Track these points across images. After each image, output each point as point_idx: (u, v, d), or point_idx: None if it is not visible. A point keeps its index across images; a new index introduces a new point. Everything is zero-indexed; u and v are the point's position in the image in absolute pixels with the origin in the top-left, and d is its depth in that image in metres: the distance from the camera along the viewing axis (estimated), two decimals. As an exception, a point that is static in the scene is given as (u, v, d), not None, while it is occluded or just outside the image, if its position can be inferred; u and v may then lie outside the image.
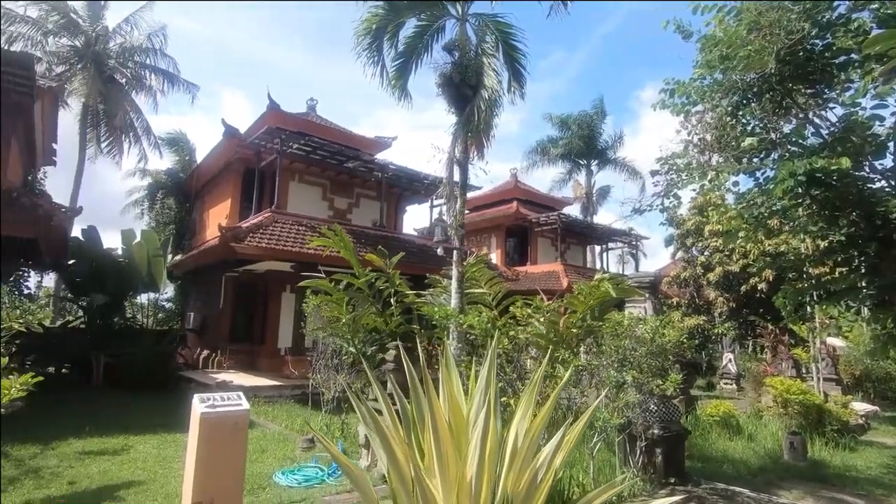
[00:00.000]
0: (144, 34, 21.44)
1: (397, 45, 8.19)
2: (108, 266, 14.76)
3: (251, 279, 15.74)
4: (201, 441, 4.35)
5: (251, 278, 15.71)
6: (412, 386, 2.33)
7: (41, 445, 7.18)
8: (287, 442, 7.82)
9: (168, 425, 8.62)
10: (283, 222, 13.06)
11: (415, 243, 16.32)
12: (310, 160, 15.45)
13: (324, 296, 7.86)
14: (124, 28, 21.39)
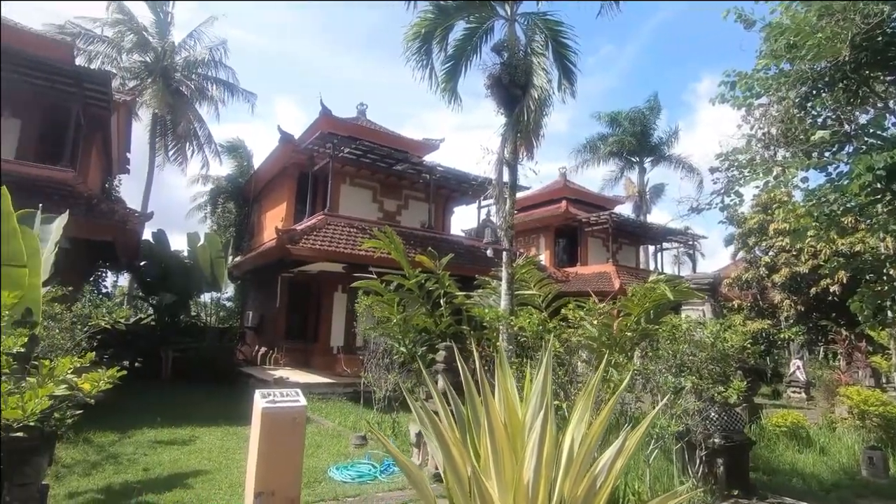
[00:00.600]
0: (206, 48, 22.71)
1: (446, 48, 8.25)
2: (175, 267, 15.72)
3: (305, 279, 16.31)
4: (263, 435, 4.57)
5: (305, 279, 16.27)
6: (467, 387, 2.35)
7: (119, 433, 7.75)
8: (340, 438, 8.05)
9: (230, 418, 9.07)
10: (336, 224, 13.45)
11: (463, 244, 16.37)
12: (360, 163, 15.83)
13: (375, 296, 8.04)
14: (188, 42, 22.73)
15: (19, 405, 2.00)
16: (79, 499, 5.10)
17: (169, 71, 21.50)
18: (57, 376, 2.24)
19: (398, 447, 7.28)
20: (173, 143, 22.54)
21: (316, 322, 15.88)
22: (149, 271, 16.22)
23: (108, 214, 10.03)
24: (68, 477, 5.72)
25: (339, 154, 14.49)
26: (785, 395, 15.53)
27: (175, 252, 16.69)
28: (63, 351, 6.34)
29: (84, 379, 2.35)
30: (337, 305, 15.39)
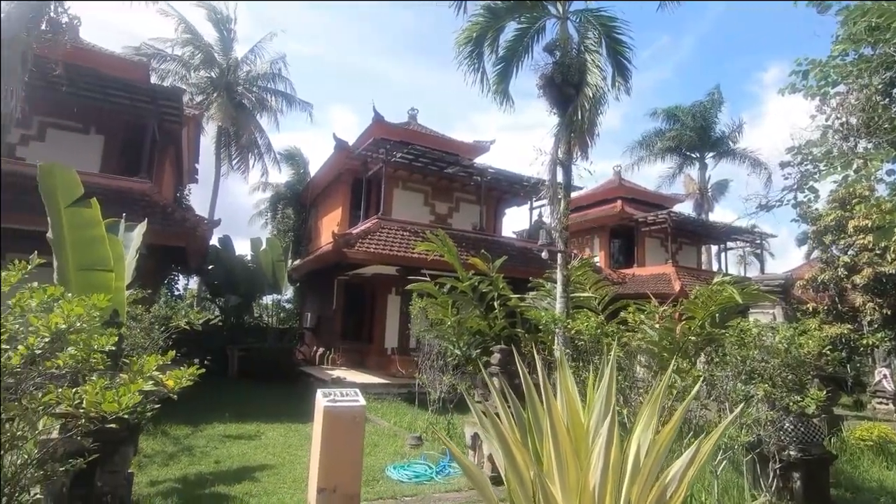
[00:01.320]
0: (267, 62, 23.83)
1: (497, 49, 8.24)
2: (240, 270, 16.58)
3: (360, 282, 16.73)
4: (324, 432, 4.73)
5: (360, 281, 16.69)
6: (527, 390, 2.34)
7: (192, 427, 8.25)
8: (396, 438, 8.19)
9: (292, 415, 9.44)
10: (389, 228, 13.72)
11: (514, 246, 16.25)
12: (412, 167, 16.07)
13: (429, 298, 8.14)
14: (249, 57, 23.94)
15: (115, 399, 2.18)
16: (159, 487, 5.48)
17: (232, 85, 22.73)
18: (145, 373, 2.43)
19: (453, 449, 7.33)
20: (236, 152, 23.78)
21: (370, 323, 16.23)
22: (216, 275, 17.20)
23: (180, 222, 10.72)
24: (149, 466, 6.16)
25: (391, 159, 14.78)
26: (869, 407, 14.32)
27: (239, 256, 17.60)
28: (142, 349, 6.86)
29: (168, 376, 2.54)
30: (391, 307, 15.67)
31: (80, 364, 2.69)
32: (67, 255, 4.93)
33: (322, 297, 18.77)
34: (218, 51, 22.98)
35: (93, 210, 4.95)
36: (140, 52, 20.46)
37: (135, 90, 11.84)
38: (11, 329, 2.47)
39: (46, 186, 4.72)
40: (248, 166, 23.98)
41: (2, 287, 2.67)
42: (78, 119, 12.27)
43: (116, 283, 5.21)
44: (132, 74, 13.73)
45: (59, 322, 2.43)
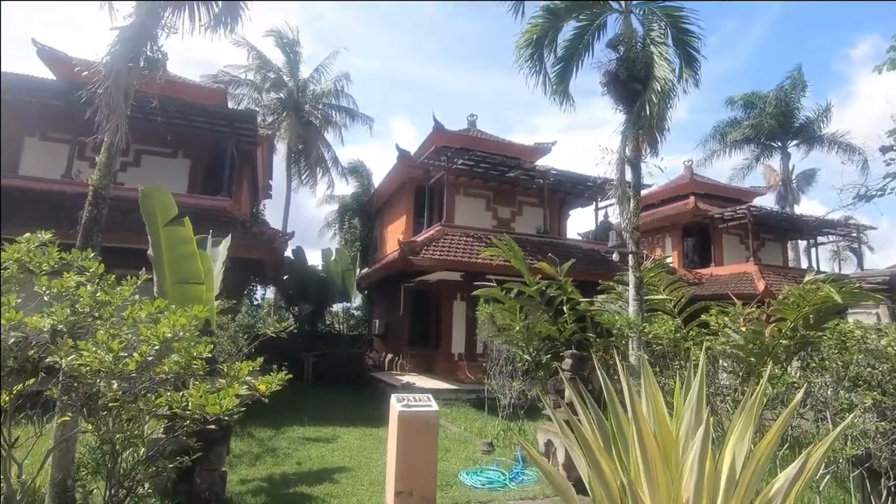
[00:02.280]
0: (331, 80, 24.93)
1: (556, 50, 8.13)
2: (312, 280, 17.36)
3: (425, 288, 16.98)
4: (400, 437, 4.85)
5: (425, 288, 16.94)
6: (608, 396, 2.28)
7: (274, 430, 8.71)
8: (467, 444, 8.20)
9: (365, 419, 9.73)
10: (453, 234, 13.84)
11: (581, 248, 15.85)
12: (473, 173, 16.14)
13: (496, 304, 8.12)
14: (315, 77, 25.15)
15: (217, 402, 2.37)
16: (249, 485, 5.83)
17: (300, 105, 23.96)
18: (240, 378, 2.61)
19: (526, 456, 7.23)
20: (305, 168, 24.99)
21: (437, 329, 16.41)
22: (290, 284, 18.11)
23: (258, 236, 11.42)
24: (238, 466, 6.57)
25: (452, 166, 14.93)
26: None
27: (312, 266, 18.43)
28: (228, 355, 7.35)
29: (260, 381, 2.71)
30: (456, 313, 15.77)
31: (182, 370, 2.94)
32: (165, 269, 5.40)
33: (389, 304, 19.23)
34: (286, 73, 24.32)
35: (185, 228, 5.40)
36: (217, 79, 22.07)
37: (215, 115, 12.78)
38: (127, 338, 2.74)
39: (147, 208, 5.21)
40: (316, 180, 25.13)
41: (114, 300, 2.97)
42: (167, 145, 13.40)
43: (207, 294, 5.63)
44: (212, 100, 14.85)
45: (167, 332, 2.67)
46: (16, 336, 2.40)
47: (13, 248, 2.99)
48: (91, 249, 3.57)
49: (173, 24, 4.82)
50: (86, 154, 13.38)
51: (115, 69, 4.25)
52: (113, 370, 2.45)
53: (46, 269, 3.21)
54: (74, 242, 4.21)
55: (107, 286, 2.91)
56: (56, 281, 2.89)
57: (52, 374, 2.92)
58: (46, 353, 2.73)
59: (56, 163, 12.99)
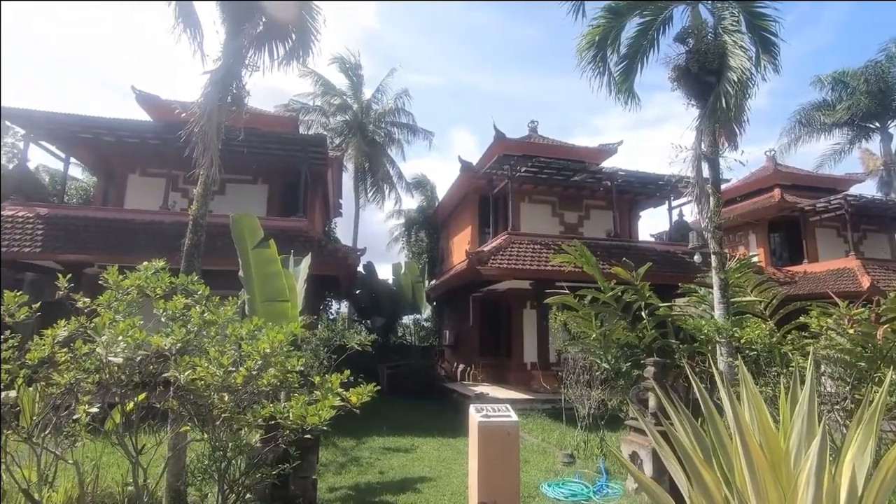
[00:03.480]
0: (392, 98, 25.77)
1: (619, 49, 7.92)
2: (383, 293, 17.88)
3: (494, 298, 16.95)
4: (481, 447, 4.86)
5: (494, 297, 16.92)
6: (705, 406, 2.18)
7: (355, 440, 9.01)
8: (546, 455, 8.06)
9: (442, 430, 9.83)
10: (520, 242, 13.75)
11: (655, 250, 15.19)
12: (537, 180, 16.00)
13: (569, 311, 7.96)
14: (376, 97, 26.09)
15: (317, 413, 2.52)
16: (337, 493, 6.08)
17: (364, 125, 24.93)
18: (333, 390, 2.77)
19: (609, 468, 7.00)
20: (372, 185, 25.89)
21: (508, 338, 16.31)
22: (362, 298, 18.76)
23: (333, 253, 11.97)
24: (325, 474, 6.86)
25: (515, 174, 14.88)
26: None
27: (382, 280, 19.00)
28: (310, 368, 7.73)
29: (351, 392, 2.85)
30: (527, 321, 15.61)
31: (280, 383, 3.15)
32: (255, 289, 5.81)
33: (458, 314, 19.37)
34: (350, 96, 25.43)
35: (271, 249, 5.79)
36: (288, 108, 23.48)
37: (289, 142, 13.61)
38: (231, 354, 2.99)
39: (237, 232, 5.65)
40: (383, 196, 25.94)
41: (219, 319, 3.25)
42: (248, 172, 14.42)
43: (292, 311, 5.98)
44: (285, 128, 15.82)
45: (266, 347, 2.88)
46: (142, 354, 2.70)
47: (134, 275, 3.37)
48: (194, 273, 3.92)
49: (255, 62, 5.24)
50: (178, 186, 14.70)
51: (208, 109, 4.68)
52: (223, 384, 2.68)
53: (160, 293, 3.57)
54: (172, 266, 4.66)
55: (212, 307, 3.19)
56: (170, 303, 3.21)
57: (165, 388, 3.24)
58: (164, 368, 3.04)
59: (154, 195, 14.37)
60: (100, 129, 12.76)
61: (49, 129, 12.78)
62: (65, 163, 14.17)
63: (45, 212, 11.97)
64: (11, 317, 3.10)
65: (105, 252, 11.23)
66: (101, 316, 3.25)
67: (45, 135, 13.08)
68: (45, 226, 11.49)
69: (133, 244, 11.49)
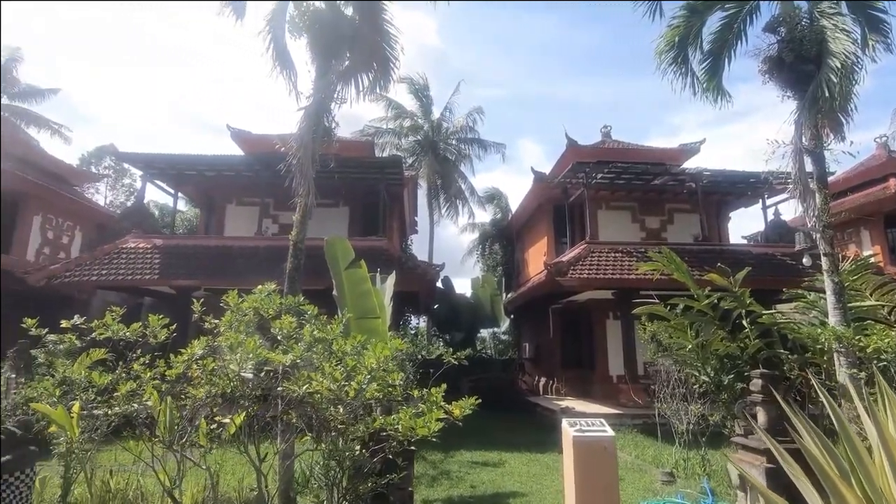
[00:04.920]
0: (461, 116, 26.25)
1: (701, 46, 7.58)
2: (462, 307, 18.06)
3: (574, 309, 16.54)
4: (577, 463, 4.77)
5: (574, 308, 16.51)
6: (838, 422, 2.04)
7: (443, 454, 9.12)
8: (642, 472, 7.70)
9: (528, 444, 9.70)
10: (599, 251, 13.37)
11: (751, 253, 14.12)
12: (614, 186, 15.53)
13: (659, 322, 7.60)
14: (445, 115, 26.68)
15: (426, 424, 2.64)
16: (431, 506, 6.20)
17: (436, 143, 25.56)
18: (437, 403, 2.88)
19: (716, 489, 6.55)
20: (445, 201, 26.37)
21: (591, 351, 15.82)
22: (440, 313, 19.04)
23: (413, 270, 12.32)
24: (418, 487, 7.01)
25: (591, 182, 14.54)
26: None
27: (460, 294, 19.21)
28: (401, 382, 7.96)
29: (454, 406, 2.95)
30: (610, 333, 15.07)
31: (382, 396, 3.32)
32: (348, 306, 6.13)
33: (537, 326, 19.08)
34: (420, 116, 26.21)
35: (362, 269, 6.11)
36: (363, 133, 24.63)
37: (367, 165, 14.29)
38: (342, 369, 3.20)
39: (331, 254, 6.02)
40: (456, 212, 26.33)
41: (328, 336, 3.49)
42: (330, 196, 15.26)
43: (382, 327, 6.25)
44: (362, 153, 16.62)
45: (373, 363, 3.06)
46: (266, 370, 2.97)
47: (251, 298, 3.71)
48: (299, 294, 4.24)
49: (343, 95, 5.63)
50: (269, 213, 15.88)
51: (304, 142, 5.09)
52: (336, 397, 2.88)
53: (272, 314, 3.90)
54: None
55: (321, 325, 3.44)
56: (283, 322, 3.50)
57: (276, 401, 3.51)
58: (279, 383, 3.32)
59: (249, 222, 15.63)
60: (202, 165, 14.12)
61: (161, 169, 14.35)
62: (174, 197, 15.80)
63: (160, 242, 13.40)
64: (155, 337, 3.53)
65: (210, 276, 12.33)
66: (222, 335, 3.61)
67: (157, 174, 14.69)
68: (160, 255, 12.85)
69: (233, 268, 12.53)
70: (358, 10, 5.85)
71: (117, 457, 6.28)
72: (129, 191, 29.70)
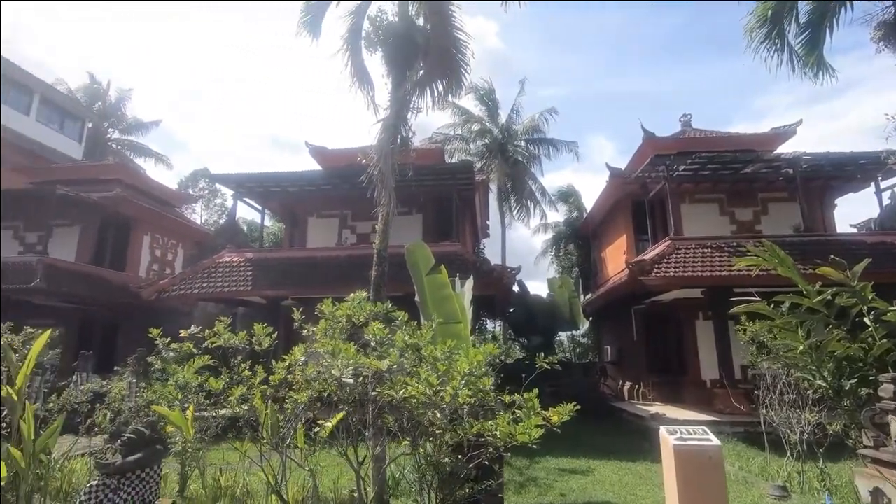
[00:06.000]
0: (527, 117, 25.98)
1: (797, 18, 6.93)
2: (538, 310, 17.72)
3: (659, 310, 15.68)
4: (680, 474, 4.48)
5: (659, 309, 15.65)
6: None
7: (528, 459, 8.94)
8: (749, 486, 7.10)
9: (617, 452, 9.28)
10: (685, 247, 12.60)
11: (865, 243, 12.69)
12: (699, 177, 14.58)
13: (762, 321, 7.00)
14: (512, 117, 26.50)
15: (525, 431, 2.59)
16: (521, 513, 6.09)
17: (504, 146, 25.46)
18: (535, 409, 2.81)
19: (839, 505, 5.90)
20: (516, 203, 26.14)
21: (679, 353, 14.91)
22: (516, 316, 18.79)
23: (488, 273, 12.28)
24: (506, 493, 6.91)
25: (673, 174, 13.75)
26: None
27: (536, 296, 18.87)
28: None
29: (552, 412, 2.87)
30: (701, 334, 14.13)
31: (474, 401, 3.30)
32: (430, 312, 6.20)
33: (619, 328, 18.31)
34: (487, 120, 26.23)
35: (442, 275, 6.16)
36: (433, 140, 25.02)
37: (440, 172, 14.47)
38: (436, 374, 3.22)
39: (412, 261, 6.13)
40: (528, 213, 26.01)
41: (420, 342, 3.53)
42: (404, 204, 15.59)
43: (464, 332, 6.25)
44: (433, 160, 16.86)
45: (466, 367, 3.05)
46: (364, 375, 3.06)
47: (344, 306, 3.85)
48: (388, 301, 4.34)
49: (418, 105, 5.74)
50: (347, 223, 16.55)
51: (383, 153, 5.23)
52: (432, 401, 2.90)
53: (362, 321, 4.02)
54: (344, 297, 5.19)
55: (412, 331, 3.50)
56: (376, 329, 3.59)
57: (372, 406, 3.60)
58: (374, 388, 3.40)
59: (328, 233, 16.37)
60: (286, 182, 15.01)
61: (249, 187, 15.42)
62: (261, 214, 16.91)
63: (252, 256, 14.37)
64: (259, 345, 3.76)
65: (296, 286, 13.04)
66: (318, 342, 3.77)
67: (246, 192, 15.80)
68: (252, 268, 13.78)
69: (317, 277, 13.17)
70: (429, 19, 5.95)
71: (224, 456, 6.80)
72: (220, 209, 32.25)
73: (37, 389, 8.67)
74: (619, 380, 17.32)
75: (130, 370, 10.89)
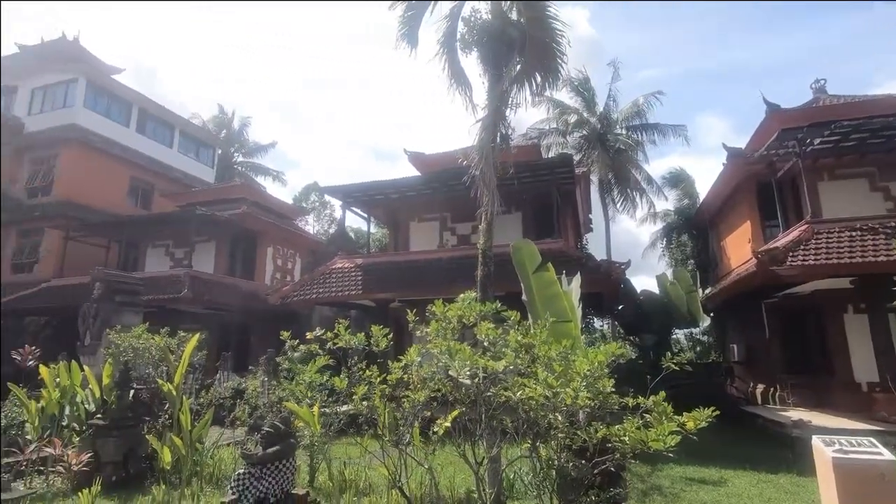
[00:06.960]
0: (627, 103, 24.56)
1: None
2: (650, 307, 16.59)
3: (794, 303, 13.89)
4: (842, 492, 3.89)
5: (794, 302, 13.87)
6: None
7: (650, 466, 8.37)
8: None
9: (755, 462, 8.37)
10: (828, 231, 11.04)
11: None
12: (840, 150, 12.70)
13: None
14: (610, 104, 25.21)
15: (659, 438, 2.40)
16: (647, 523, 5.70)
17: (604, 136, 24.30)
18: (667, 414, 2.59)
19: None
20: (619, 194, 24.81)
21: (822, 352, 13.09)
22: (625, 314, 17.76)
23: (595, 269, 11.75)
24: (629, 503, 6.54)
25: (807, 149, 12.11)
26: None
27: (647, 292, 17.71)
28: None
29: (688, 417, 2.62)
30: (852, 329, 12.29)
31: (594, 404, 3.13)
32: (538, 310, 6.06)
33: (747, 325, 16.53)
34: (584, 110, 25.22)
35: (549, 272, 5.99)
36: (527, 136, 24.62)
37: (537, 168, 14.16)
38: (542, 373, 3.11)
39: (518, 259, 6.04)
40: (633, 204, 24.59)
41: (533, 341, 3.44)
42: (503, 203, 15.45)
43: (574, 330, 6.02)
44: (530, 156, 16.55)
45: (585, 368, 2.91)
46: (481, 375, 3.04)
47: (455, 306, 3.87)
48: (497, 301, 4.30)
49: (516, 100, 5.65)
50: (447, 226, 16.84)
51: (484, 152, 5.21)
52: (552, 403, 2.80)
53: (472, 321, 4.02)
54: (448, 297, 5.20)
55: (524, 331, 3.42)
56: (488, 329, 3.56)
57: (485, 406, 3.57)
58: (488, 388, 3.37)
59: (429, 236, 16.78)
60: (389, 189, 15.65)
61: (356, 197, 16.32)
62: (367, 221, 17.81)
63: (361, 261, 15.19)
64: (377, 346, 3.92)
65: (403, 288, 13.53)
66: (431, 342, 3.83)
67: (352, 202, 16.74)
68: (361, 272, 14.56)
69: (421, 279, 13.55)
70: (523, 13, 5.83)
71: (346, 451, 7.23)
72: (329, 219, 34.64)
73: (190, 386, 9.94)
74: (750, 381, 15.65)
75: (263, 369, 12.08)
